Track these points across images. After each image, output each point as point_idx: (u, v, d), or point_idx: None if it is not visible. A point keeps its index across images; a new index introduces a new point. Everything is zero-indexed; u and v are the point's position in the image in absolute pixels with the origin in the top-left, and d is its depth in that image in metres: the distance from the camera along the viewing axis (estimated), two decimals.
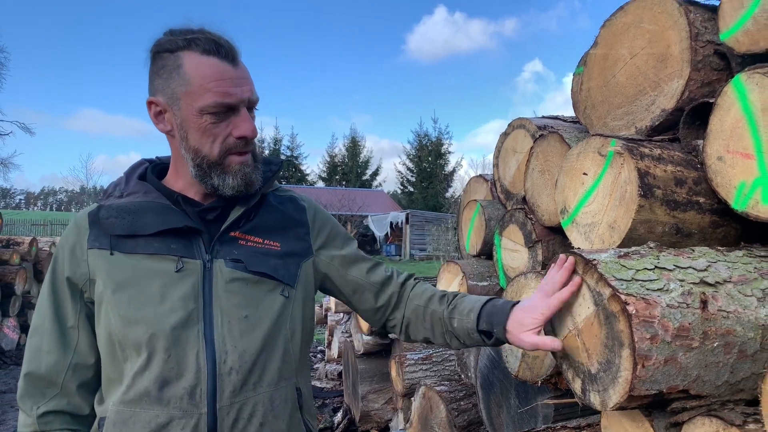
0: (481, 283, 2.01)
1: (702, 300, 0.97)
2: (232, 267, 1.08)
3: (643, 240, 1.19)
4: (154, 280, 1.03)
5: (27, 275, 6.90)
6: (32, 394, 1.07)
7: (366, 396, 3.88)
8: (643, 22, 1.38)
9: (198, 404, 1.01)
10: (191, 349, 1.02)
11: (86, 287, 1.07)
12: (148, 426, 1.00)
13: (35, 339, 1.09)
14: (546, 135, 1.69)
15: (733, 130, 1.12)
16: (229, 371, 1.03)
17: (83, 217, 1.10)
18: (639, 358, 0.91)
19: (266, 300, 1.10)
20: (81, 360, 1.08)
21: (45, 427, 1.06)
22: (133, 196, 1.09)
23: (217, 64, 1.02)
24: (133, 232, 1.05)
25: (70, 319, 1.08)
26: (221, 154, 1.05)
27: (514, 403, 1.85)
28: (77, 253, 1.07)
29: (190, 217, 1.08)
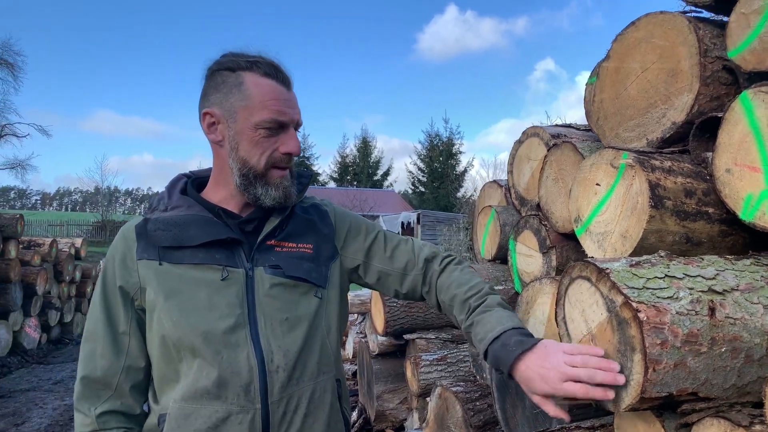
0: (496, 287, 2.07)
1: (710, 307, 1.03)
2: (272, 273, 1.17)
3: (654, 248, 1.24)
4: (202, 288, 1.12)
5: (47, 276, 7.06)
6: (88, 396, 1.15)
7: (381, 396, 3.94)
8: (654, 38, 1.43)
9: (253, 400, 1.10)
10: (242, 351, 1.11)
11: (137, 295, 1.15)
12: (208, 421, 1.09)
13: (89, 344, 1.17)
14: (560, 144, 1.75)
15: (741, 144, 1.17)
16: (276, 369, 1.13)
17: (130, 230, 1.19)
18: (650, 363, 0.97)
19: (303, 302, 1.19)
20: (132, 363, 1.17)
21: (103, 426, 1.14)
22: (177, 210, 1.17)
23: (275, 86, 1.14)
24: (180, 244, 1.14)
25: (122, 325, 1.16)
26: (266, 167, 1.15)
27: (529, 404, 1.90)
28: (128, 263, 1.16)
29: (231, 229, 1.17)
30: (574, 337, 1.18)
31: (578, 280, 1.16)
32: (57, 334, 7.61)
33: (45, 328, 7.21)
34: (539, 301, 1.69)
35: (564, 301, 1.21)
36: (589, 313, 1.12)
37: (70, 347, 7.52)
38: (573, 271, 1.18)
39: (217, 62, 1.18)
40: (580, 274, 1.15)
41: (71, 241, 8.24)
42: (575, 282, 1.17)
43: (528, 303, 1.74)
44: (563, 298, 1.22)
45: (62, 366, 6.46)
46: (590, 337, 1.12)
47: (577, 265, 1.17)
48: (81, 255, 8.39)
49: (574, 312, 1.18)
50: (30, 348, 6.73)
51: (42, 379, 5.87)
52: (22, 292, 6.53)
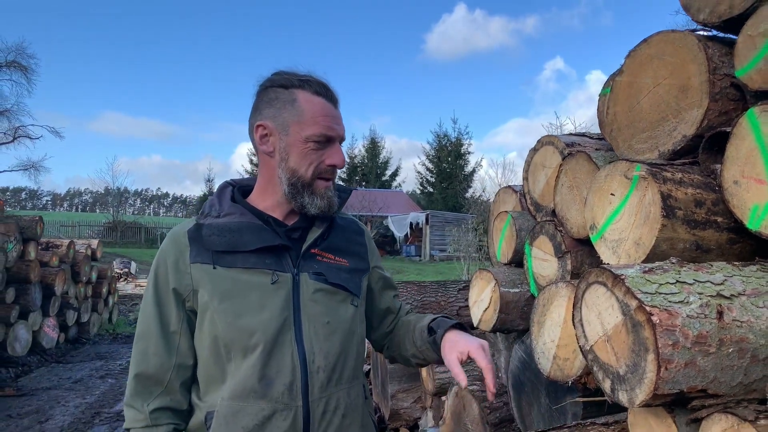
0: (512, 290, 2.15)
1: (718, 311, 1.11)
2: (315, 279, 1.27)
3: (666, 255, 1.32)
4: (254, 291, 1.21)
5: (65, 276, 7.20)
6: (141, 392, 1.23)
7: (395, 395, 4.03)
8: (665, 55, 1.51)
9: (295, 398, 1.19)
10: (287, 351, 1.20)
11: (189, 297, 1.23)
12: (255, 418, 1.17)
13: (142, 343, 1.25)
14: (574, 154, 1.83)
15: (748, 158, 1.25)
16: (317, 369, 1.21)
17: (182, 234, 1.27)
18: (662, 362, 1.05)
19: (341, 308, 1.29)
20: (183, 361, 1.25)
21: (156, 422, 1.22)
22: (230, 217, 1.26)
23: (325, 104, 1.24)
24: (234, 248, 1.22)
25: (174, 325, 1.24)
26: (312, 177, 1.25)
27: (545, 402, 1.99)
28: (180, 267, 1.23)
29: (280, 236, 1.26)
30: (591, 338, 1.26)
31: (595, 285, 1.24)
32: (74, 334, 7.75)
33: (63, 327, 7.35)
34: (555, 303, 1.77)
35: (581, 305, 1.30)
36: (605, 316, 1.21)
37: (87, 347, 7.66)
38: (590, 277, 1.26)
39: (269, 79, 1.27)
40: (597, 279, 1.23)
41: (87, 242, 8.37)
42: (592, 287, 1.25)
43: (544, 305, 1.82)
44: (580, 302, 1.30)
45: (81, 365, 6.60)
46: (606, 338, 1.21)
47: (593, 271, 1.25)
48: (97, 256, 8.53)
49: (590, 315, 1.26)
50: (49, 347, 6.86)
51: (62, 378, 6.00)
52: (41, 293, 6.67)
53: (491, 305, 2.18)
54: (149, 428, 1.22)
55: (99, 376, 6.11)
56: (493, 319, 2.16)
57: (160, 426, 1.22)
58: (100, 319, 8.53)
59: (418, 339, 1.39)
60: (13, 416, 4.69)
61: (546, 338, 1.80)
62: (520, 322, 2.17)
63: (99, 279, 8.49)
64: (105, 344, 7.88)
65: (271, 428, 1.17)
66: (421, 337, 1.38)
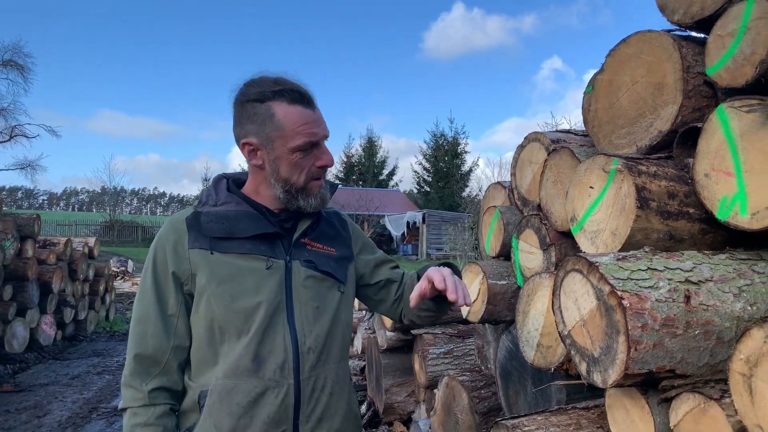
0: (500, 281, 2.22)
1: (686, 295, 1.17)
2: (306, 266, 1.34)
3: (641, 245, 1.39)
4: (250, 275, 1.28)
5: (63, 274, 7.23)
6: (140, 372, 1.28)
7: (389, 389, 4.09)
8: (643, 54, 1.58)
9: (287, 376, 1.26)
10: (279, 332, 1.27)
11: (187, 281, 1.29)
12: (248, 395, 1.24)
13: (141, 325, 1.30)
14: (558, 150, 1.89)
15: (717, 152, 1.31)
16: (308, 350, 1.28)
17: (180, 221, 1.33)
18: (632, 343, 1.12)
19: (329, 294, 1.36)
20: (180, 343, 1.31)
21: (154, 401, 1.27)
22: (227, 206, 1.33)
23: (303, 112, 1.27)
24: (231, 235, 1.29)
25: (172, 308, 1.30)
26: (306, 182, 1.31)
27: (531, 390, 2.05)
28: (179, 252, 1.29)
29: (274, 225, 1.32)
30: (568, 324, 1.33)
31: (572, 273, 1.31)
32: (71, 331, 7.79)
33: (60, 325, 7.39)
34: (539, 293, 1.84)
35: (559, 292, 1.36)
36: (582, 301, 1.27)
37: (84, 344, 7.70)
38: (567, 265, 1.33)
39: (243, 93, 1.30)
40: (574, 267, 1.30)
41: (84, 240, 8.42)
42: (569, 274, 1.32)
43: (529, 296, 1.89)
44: (559, 289, 1.37)
45: (78, 362, 6.64)
46: (582, 323, 1.27)
47: (571, 259, 1.32)
48: (94, 254, 8.57)
49: (568, 301, 1.33)
50: (46, 344, 6.90)
51: (59, 374, 6.04)
52: (38, 290, 6.70)
53: (479, 297, 2.24)
54: (147, 407, 1.27)
55: (96, 372, 6.16)
56: (481, 311, 2.22)
57: (157, 405, 1.27)
58: (97, 317, 8.57)
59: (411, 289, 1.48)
60: (12, 411, 4.73)
61: (530, 327, 1.87)
62: (507, 314, 2.24)
63: (96, 277, 8.53)
64: (102, 341, 7.93)
65: (264, 404, 1.24)
66: (412, 285, 1.48)
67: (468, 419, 2.46)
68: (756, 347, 1.02)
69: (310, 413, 1.28)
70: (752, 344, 1.03)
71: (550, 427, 1.55)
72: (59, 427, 4.44)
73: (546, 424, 1.56)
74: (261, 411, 1.24)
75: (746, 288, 1.22)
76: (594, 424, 1.56)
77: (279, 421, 1.25)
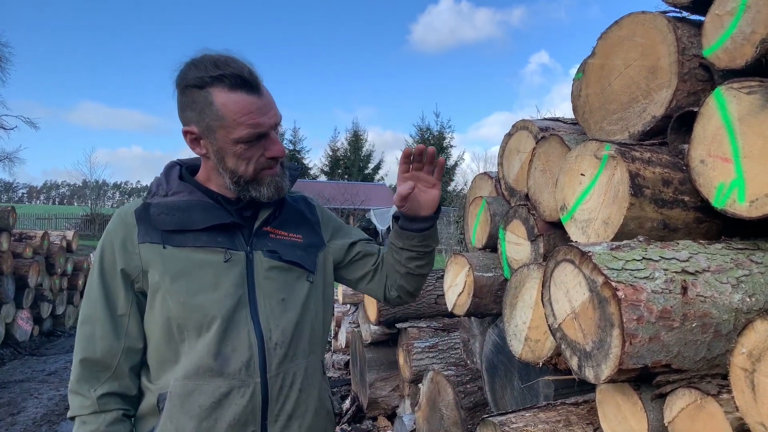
0: (486, 273, 2.15)
1: (683, 287, 1.12)
2: (269, 257, 1.25)
3: (633, 234, 1.33)
4: (207, 269, 1.18)
5: (39, 268, 7.06)
6: (88, 378, 1.18)
7: (373, 384, 4.03)
8: (636, 36, 1.52)
9: (253, 375, 1.17)
10: (243, 328, 1.18)
11: (138, 278, 1.19)
12: (212, 396, 1.15)
13: (88, 327, 1.19)
14: (547, 137, 1.83)
15: (714, 137, 1.26)
16: (274, 346, 1.20)
17: (129, 214, 1.22)
18: (627, 337, 1.06)
19: (296, 285, 1.27)
20: (132, 344, 1.20)
21: (104, 407, 1.17)
22: (179, 195, 1.23)
23: (245, 99, 1.13)
24: (184, 227, 1.19)
25: (122, 308, 1.20)
26: (255, 172, 1.20)
27: (518, 385, 2.00)
28: (128, 247, 1.19)
29: (232, 214, 1.23)
30: (559, 316, 1.27)
31: (563, 263, 1.25)
32: (49, 327, 7.62)
33: (37, 320, 7.21)
34: (527, 285, 1.78)
35: (550, 283, 1.30)
36: (573, 293, 1.21)
37: (62, 339, 7.53)
38: (558, 255, 1.26)
39: (182, 76, 1.17)
40: (565, 257, 1.24)
41: (63, 233, 8.22)
42: (560, 265, 1.25)
43: (516, 288, 1.83)
44: (549, 280, 1.30)
45: (55, 358, 6.49)
46: (573, 316, 1.21)
47: (562, 249, 1.25)
48: (72, 248, 8.37)
49: (558, 293, 1.27)
50: (22, 340, 6.73)
51: (35, 370, 5.89)
52: (14, 285, 6.53)
53: (465, 289, 2.18)
54: (96, 414, 1.16)
55: None
56: (467, 303, 2.16)
57: (108, 412, 1.17)
58: (75, 312, 8.38)
59: (392, 237, 1.41)
60: None
61: (518, 320, 1.81)
62: (493, 306, 2.18)
63: (75, 271, 8.34)
64: None
65: (229, 405, 1.16)
66: (393, 233, 1.40)
67: (453, 414, 2.40)
68: (760, 340, 0.96)
69: (279, 412, 1.20)
70: (755, 337, 0.97)
71: (538, 423, 1.49)
72: (34, 424, 4.31)
73: (534, 420, 1.50)
74: (226, 413, 1.15)
75: (744, 278, 1.17)
76: (584, 421, 1.51)
77: (245, 422, 1.16)
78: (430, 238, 1.40)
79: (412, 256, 1.39)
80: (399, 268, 1.42)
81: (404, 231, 1.37)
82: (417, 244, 1.38)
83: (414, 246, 1.38)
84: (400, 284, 1.44)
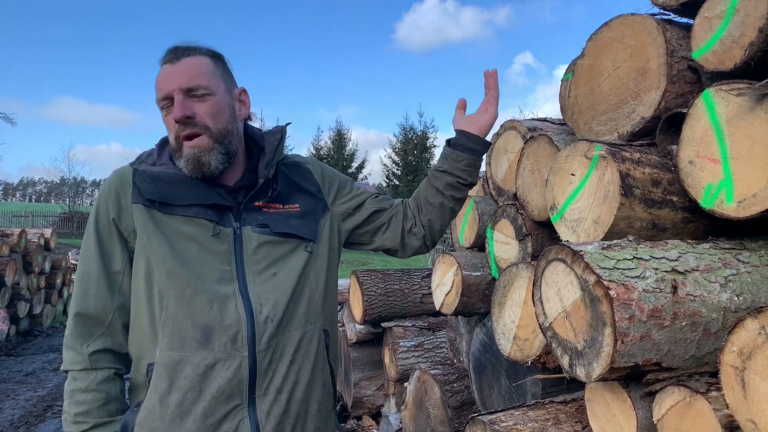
0: (474, 273, 2.16)
1: (673, 286, 1.13)
2: (259, 232, 1.23)
3: (623, 234, 1.34)
4: (193, 242, 1.18)
5: (17, 267, 6.92)
6: (81, 333, 1.18)
7: (358, 383, 4.02)
8: (625, 38, 1.53)
9: (240, 348, 1.15)
10: (230, 303, 1.16)
11: (130, 237, 1.19)
12: (197, 368, 1.14)
13: (83, 283, 1.19)
14: (536, 137, 1.84)
15: (703, 138, 1.27)
16: (265, 320, 1.18)
17: (128, 172, 1.23)
18: (619, 335, 1.07)
19: (292, 257, 1.26)
20: (125, 301, 1.20)
21: (95, 365, 1.16)
22: (165, 166, 1.23)
23: (165, 69, 1.20)
24: (164, 200, 1.18)
25: (116, 264, 1.20)
26: (177, 142, 1.20)
27: (505, 384, 2.00)
28: (122, 204, 1.19)
29: (221, 195, 1.22)
30: (550, 315, 1.27)
31: (554, 262, 1.25)
32: (26, 326, 7.46)
33: (14, 319, 7.06)
34: (516, 284, 1.78)
35: (540, 282, 1.31)
36: (564, 292, 1.22)
37: (39, 339, 7.39)
38: (549, 254, 1.27)
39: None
40: (557, 256, 1.24)
41: (40, 231, 8.07)
42: (552, 264, 1.26)
43: (505, 287, 1.83)
44: (540, 280, 1.31)
45: (32, 358, 6.36)
46: (565, 315, 1.22)
47: (553, 248, 1.26)
48: (50, 246, 8.22)
49: (549, 292, 1.27)
50: None
51: (12, 371, 5.77)
52: None
53: (453, 288, 2.18)
54: (87, 371, 1.16)
55: (52, 368, 5.90)
56: (455, 302, 2.16)
57: (99, 369, 1.17)
58: (54, 311, 8.24)
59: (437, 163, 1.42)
60: None
61: (506, 319, 1.81)
62: (481, 305, 2.19)
63: (53, 270, 8.18)
64: (59, 336, 7.61)
65: (213, 377, 1.14)
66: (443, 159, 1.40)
67: (440, 413, 2.41)
68: (750, 339, 0.98)
69: (267, 385, 1.18)
70: (746, 336, 0.98)
71: (527, 422, 1.50)
72: (11, 426, 4.22)
73: (524, 419, 1.51)
74: (210, 384, 1.14)
75: (732, 278, 1.19)
76: (572, 419, 1.52)
77: (230, 395, 1.15)
78: (475, 167, 1.40)
79: (452, 182, 1.38)
80: (434, 198, 1.40)
81: (455, 151, 1.38)
82: (463, 168, 1.38)
83: (459, 169, 1.38)
84: (429, 219, 1.41)
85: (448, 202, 1.40)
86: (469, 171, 1.39)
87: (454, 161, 1.38)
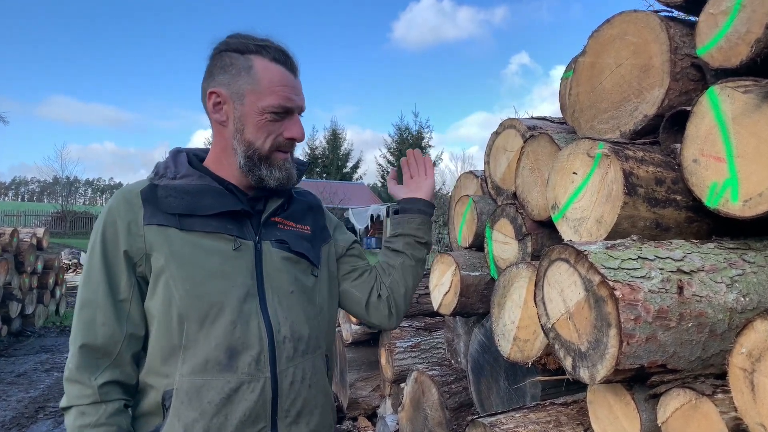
0: (473, 273, 2.14)
1: (679, 286, 1.11)
2: (278, 247, 1.22)
3: (626, 233, 1.32)
4: (215, 256, 1.14)
5: (8, 266, 6.84)
6: (88, 365, 1.11)
7: (354, 384, 4.00)
8: (627, 35, 1.51)
9: (263, 369, 1.13)
10: (253, 321, 1.13)
11: (141, 261, 1.13)
12: (221, 392, 1.10)
13: (88, 311, 1.12)
14: (536, 136, 1.82)
15: (707, 136, 1.25)
16: (283, 340, 1.16)
17: (135, 194, 1.17)
18: (624, 337, 1.04)
19: (303, 278, 1.25)
20: (134, 331, 1.14)
21: (105, 397, 1.10)
22: (188, 179, 1.19)
23: (284, 73, 1.18)
24: (193, 212, 1.15)
25: (124, 292, 1.13)
26: (270, 150, 1.19)
27: (504, 385, 1.98)
28: (133, 229, 1.13)
29: (243, 202, 1.20)
30: (552, 316, 1.25)
31: (557, 262, 1.23)
32: (18, 326, 7.39)
33: (5, 320, 7.00)
34: (516, 284, 1.76)
35: (543, 282, 1.28)
36: (568, 293, 1.19)
37: (31, 339, 7.32)
38: (552, 254, 1.25)
39: (225, 42, 1.19)
40: (560, 256, 1.22)
41: (33, 231, 7.98)
42: (554, 264, 1.24)
43: (505, 287, 1.81)
44: (542, 280, 1.28)
45: (24, 359, 6.30)
46: (568, 315, 1.19)
47: (556, 248, 1.23)
48: (43, 245, 8.14)
49: (552, 292, 1.25)
50: None
51: (4, 372, 5.71)
52: None
53: (452, 289, 2.16)
54: (97, 405, 1.09)
55: (44, 369, 5.84)
56: (453, 303, 2.14)
57: (109, 402, 1.10)
58: (46, 311, 8.16)
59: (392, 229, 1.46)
60: None
61: (506, 320, 1.79)
62: (480, 306, 2.16)
63: (45, 269, 8.11)
64: (51, 337, 7.55)
65: (239, 401, 1.10)
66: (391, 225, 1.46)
67: (438, 415, 2.38)
68: (760, 340, 0.96)
69: (289, 407, 1.16)
70: (755, 337, 0.96)
71: (528, 424, 1.48)
72: (3, 428, 4.17)
73: (525, 421, 1.48)
74: (236, 408, 1.10)
75: (738, 278, 1.17)
76: (574, 421, 1.50)
77: (257, 418, 1.12)
78: (428, 225, 1.44)
79: (410, 242, 1.42)
80: (394, 260, 1.42)
81: (405, 215, 1.43)
82: (417, 226, 1.42)
83: (413, 228, 1.42)
84: (392, 280, 1.41)
85: (409, 261, 1.43)
86: (423, 229, 1.44)
87: (407, 223, 1.44)
